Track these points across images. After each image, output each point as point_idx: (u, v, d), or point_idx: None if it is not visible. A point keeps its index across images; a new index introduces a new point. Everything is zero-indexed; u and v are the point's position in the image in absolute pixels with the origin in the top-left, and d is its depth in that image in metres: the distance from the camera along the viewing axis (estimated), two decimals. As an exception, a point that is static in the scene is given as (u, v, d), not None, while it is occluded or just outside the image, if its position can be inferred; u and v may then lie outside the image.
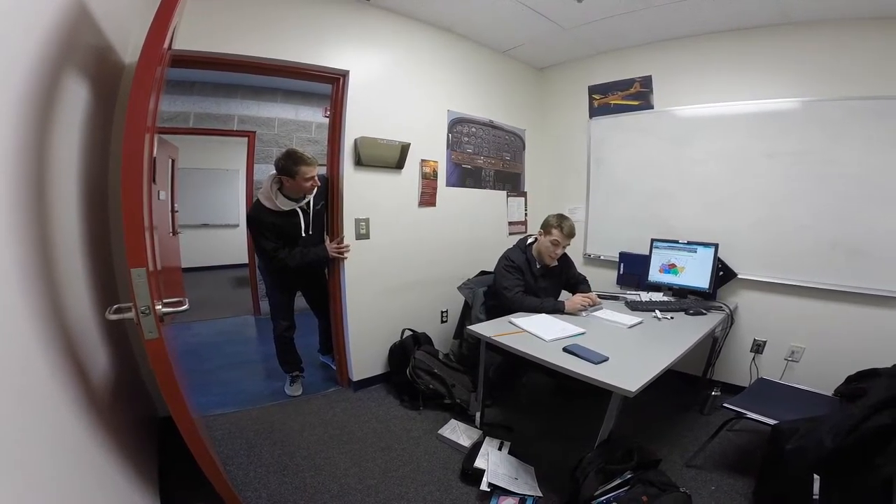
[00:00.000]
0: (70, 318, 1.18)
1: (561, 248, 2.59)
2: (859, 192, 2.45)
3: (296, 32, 2.41)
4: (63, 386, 1.02)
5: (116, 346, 1.69)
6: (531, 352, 1.92)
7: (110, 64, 1.69)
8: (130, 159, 1.03)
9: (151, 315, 1.13)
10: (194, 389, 2.64)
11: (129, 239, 1.05)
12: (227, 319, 4.58)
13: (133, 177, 1.04)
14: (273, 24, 2.33)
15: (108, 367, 1.50)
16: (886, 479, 1.62)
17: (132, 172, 1.04)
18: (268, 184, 2.45)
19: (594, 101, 3.56)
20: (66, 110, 1.24)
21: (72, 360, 1.12)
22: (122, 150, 1.04)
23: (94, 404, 1.21)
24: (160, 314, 1.19)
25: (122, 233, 1.05)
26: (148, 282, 1.10)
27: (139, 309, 1.11)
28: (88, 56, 1.42)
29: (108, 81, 1.70)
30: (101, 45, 1.53)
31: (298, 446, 2.27)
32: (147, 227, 1.15)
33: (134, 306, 1.11)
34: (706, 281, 2.78)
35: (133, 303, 1.11)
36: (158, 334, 1.15)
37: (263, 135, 4.82)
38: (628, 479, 1.68)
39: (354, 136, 2.63)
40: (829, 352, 2.60)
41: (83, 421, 1.11)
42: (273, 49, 2.35)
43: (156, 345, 1.16)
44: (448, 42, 3.12)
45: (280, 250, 2.47)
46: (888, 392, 1.57)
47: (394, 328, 2.99)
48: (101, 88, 1.59)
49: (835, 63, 2.49)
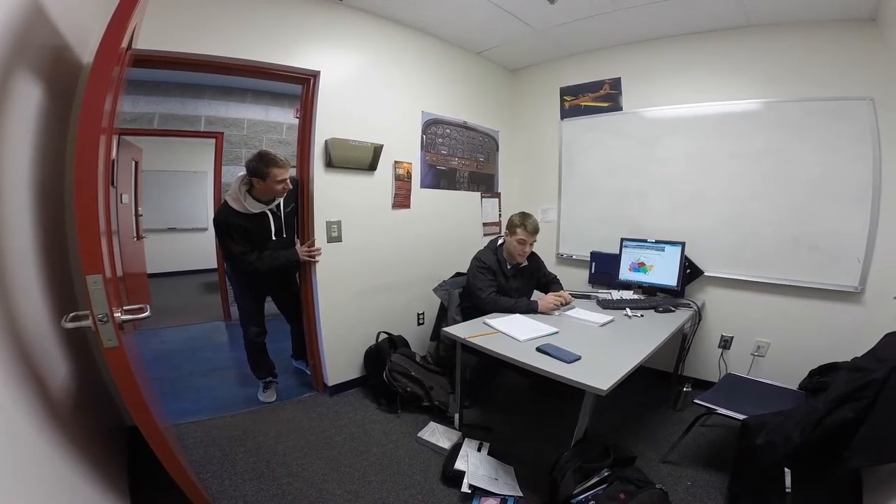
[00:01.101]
0: (23, 327, 1.12)
1: (528, 245, 2.61)
2: (817, 191, 2.56)
3: (265, 32, 2.36)
4: (17, 396, 0.98)
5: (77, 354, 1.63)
6: (506, 352, 1.93)
7: (67, 64, 1.62)
8: (83, 161, 0.99)
9: (110, 323, 1.09)
10: (164, 397, 2.61)
11: (83, 245, 1.01)
12: (197, 325, 4.46)
13: (86, 179, 1.00)
14: (242, 23, 2.28)
15: (68, 376, 1.45)
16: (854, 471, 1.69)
17: (85, 175, 1.00)
18: (236, 185, 2.38)
19: (565, 103, 3.61)
20: (18, 111, 1.18)
21: (26, 369, 1.07)
22: (76, 152, 1.00)
23: (54, 414, 1.17)
24: (120, 322, 1.14)
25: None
26: (105, 289, 1.05)
27: (96, 317, 1.07)
28: (43, 55, 1.35)
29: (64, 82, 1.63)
30: (57, 44, 1.47)
31: (274, 453, 2.23)
32: (104, 232, 1.10)
33: (91, 314, 1.07)
34: (674, 279, 2.85)
35: (90, 310, 1.07)
36: (118, 342, 1.12)
37: (232, 136, 4.71)
38: (605, 477, 1.71)
39: (325, 137, 2.59)
40: (793, 346, 2.69)
41: (44, 432, 1.07)
42: (241, 49, 2.30)
43: (116, 353, 1.12)
44: (422, 43, 3.11)
45: (249, 254, 2.41)
46: (848, 386, 1.61)
47: (369, 331, 2.96)
48: (57, 89, 1.52)
49: (795, 65, 2.59)
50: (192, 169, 6.85)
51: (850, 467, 1.55)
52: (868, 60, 2.37)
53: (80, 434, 1.35)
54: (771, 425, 1.75)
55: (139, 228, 4.74)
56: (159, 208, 6.65)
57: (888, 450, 1.46)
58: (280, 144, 4.91)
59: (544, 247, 3.46)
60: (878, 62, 2.33)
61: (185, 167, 6.85)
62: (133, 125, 4.42)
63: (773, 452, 1.69)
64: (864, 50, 2.38)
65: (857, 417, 1.53)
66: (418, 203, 3.19)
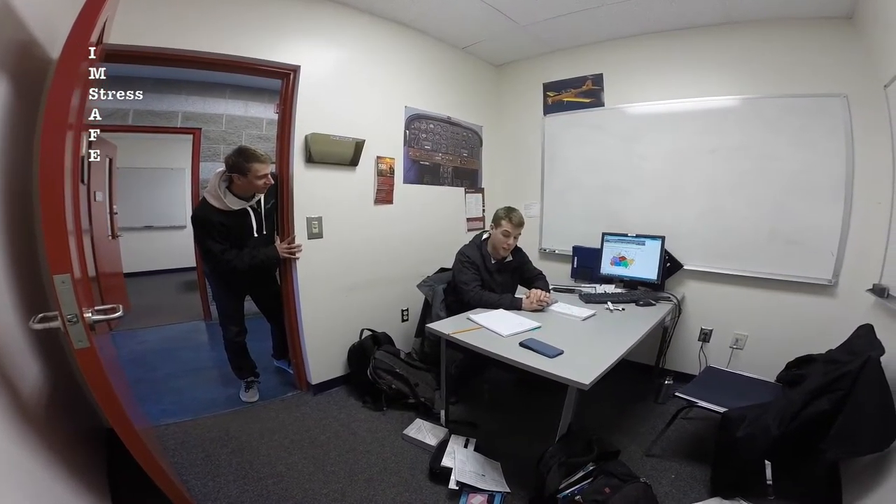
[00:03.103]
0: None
1: (512, 237, 2.61)
2: (793, 186, 2.61)
3: (244, 26, 2.31)
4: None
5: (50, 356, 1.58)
6: (489, 348, 1.93)
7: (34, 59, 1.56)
8: (49, 158, 0.96)
9: (80, 323, 1.05)
10: (143, 398, 2.58)
11: (49, 244, 0.98)
12: (176, 325, 4.39)
13: (52, 177, 0.97)
14: (219, 17, 2.23)
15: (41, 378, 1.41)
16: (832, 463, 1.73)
17: (51, 172, 0.97)
18: (215, 181, 2.33)
19: (548, 99, 3.63)
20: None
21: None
22: (41, 149, 0.97)
23: (26, 418, 1.14)
24: (91, 322, 1.11)
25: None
26: (74, 288, 1.02)
27: (65, 317, 1.04)
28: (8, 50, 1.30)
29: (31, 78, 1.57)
30: (24, 39, 1.42)
31: (258, 453, 2.20)
32: (72, 231, 1.06)
33: (59, 315, 1.04)
34: (654, 272, 2.89)
35: (58, 311, 1.04)
36: (89, 343, 1.08)
37: (210, 132, 4.61)
38: (590, 471, 1.73)
39: (306, 132, 2.55)
40: (770, 339, 2.75)
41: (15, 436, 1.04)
42: (219, 44, 2.24)
43: (87, 354, 1.09)
44: (406, 37, 3.08)
45: (228, 252, 2.36)
46: (823, 378, 1.65)
47: (352, 329, 2.93)
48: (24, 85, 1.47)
49: (772, 62, 2.64)
50: (169, 166, 6.70)
51: (827, 459, 1.59)
52: (843, 58, 2.42)
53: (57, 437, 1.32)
54: (750, 418, 1.78)
55: (114, 227, 4.62)
56: (136, 206, 6.49)
57: (863, 442, 1.51)
58: (260, 140, 4.82)
59: (527, 242, 3.46)
60: (852, 60, 2.38)
61: (162, 164, 6.70)
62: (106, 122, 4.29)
63: (753, 445, 1.72)
64: (840, 48, 2.43)
65: (833, 409, 1.57)
66: (401, 199, 3.16)
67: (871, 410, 1.48)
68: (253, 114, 4.89)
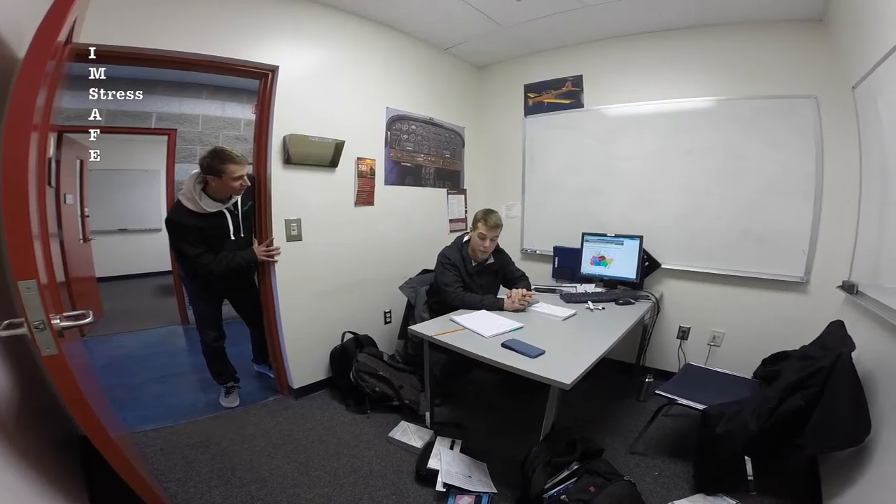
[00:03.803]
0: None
1: (488, 240, 2.60)
2: (765, 186, 2.68)
3: (221, 26, 2.27)
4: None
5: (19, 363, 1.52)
6: (472, 349, 1.93)
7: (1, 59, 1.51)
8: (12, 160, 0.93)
9: (47, 330, 1.02)
10: (120, 405, 2.53)
11: (13, 248, 0.95)
12: (152, 330, 4.29)
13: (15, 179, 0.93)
14: (195, 17, 2.19)
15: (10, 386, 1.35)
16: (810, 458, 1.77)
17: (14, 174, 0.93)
18: (190, 183, 2.27)
19: (529, 100, 3.65)
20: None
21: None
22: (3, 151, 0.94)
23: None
24: (59, 329, 1.08)
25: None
26: (41, 294, 0.99)
27: (32, 324, 1.00)
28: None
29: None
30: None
31: (240, 459, 2.16)
32: (37, 235, 1.03)
33: (25, 321, 1.01)
34: (633, 271, 2.94)
35: (24, 317, 1.00)
36: (58, 350, 1.06)
37: (186, 133, 4.52)
38: (575, 470, 1.73)
39: (284, 133, 2.51)
40: (746, 335, 2.82)
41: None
42: (195, 44, 2.20)
43: (56, 361, 1.06)
44: (388, 38, 3.07)
45: (204, 255, 2.31)
46: (797, 374, 1.68)
47: (334, 332, 2.90)
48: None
49: (746, 63, 2.70)
50: (143, 167, 6.53)
51: (805, 455, 1.63)
52: (814, 60, 2.49)
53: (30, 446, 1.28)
54: (729, 414, 1.81)
55: (86, 230, 4.50)
56: (109, 209, 6.33)
57: (838, 437, 1.54)
58: (238, 141, 4.74)
59: (509, 242, 3.48)
60: (822, 61, 2.45)
61: (136, 165, 6.52)
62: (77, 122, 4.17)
63: (732, 441, 1.75)
64: (811, 49, 2.49)
65: (808, 405, 1.60)
66: (382, 200, 3.14)
67: (844, 406, 1.51)
68: (230, 114, 4.81)
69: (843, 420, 1.52)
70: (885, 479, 1.39)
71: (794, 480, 1.92)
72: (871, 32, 1.84)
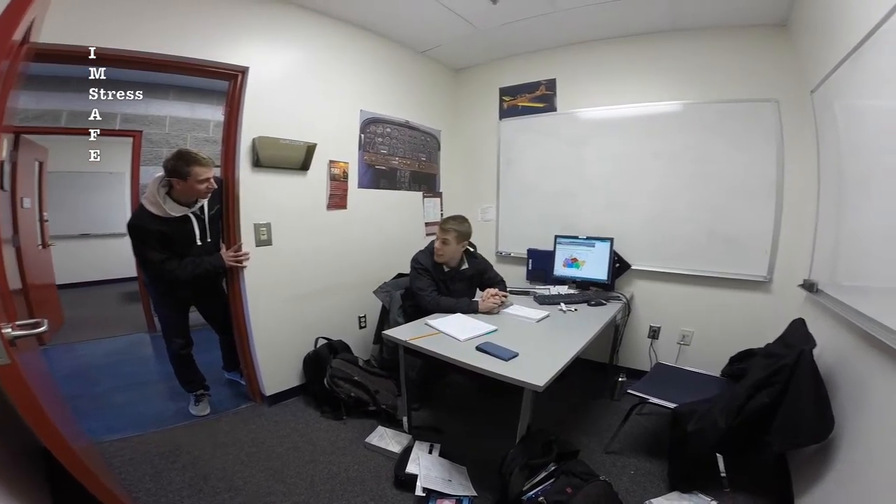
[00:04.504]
0: None
1: (440, 241, 2.58)
2: (729, 188, 2.76)
3: (189, 27, 2.21)
4: None
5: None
6: (447, 353, 1.93)
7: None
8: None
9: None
10: (83, 414, 2.47)
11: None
12: (118, 338, 4.14)
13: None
14: (163, 17, 2.13)
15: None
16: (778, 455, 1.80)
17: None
18: (153, 187, 2.20)
19: (504, 103, 3.67)
20: None
21: None
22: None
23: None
24: (10, 338, 1.04)
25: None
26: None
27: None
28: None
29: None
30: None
31: (212, 467, 2.11)
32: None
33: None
34: (605, 273, 2.98)
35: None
36: (10, 360, 1.02)
37: (152, 134, 4.40)
38: (552, 471, 1.74)
39: (253, 135, 2.46)
40: (714, 334, 2.89)
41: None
42: (162, 44, 2.14)
43: (8, 371, 1.03)
44: (363, 40, 3.05)
45: (169, 261, 2.23)
46: (763, 372, 1.72)
47: (306, 338, 2.85)
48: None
49: (712, 68, 2.77)
50: (107, 170, 6.27)
51: (773, 452, 1.65)
52: (776, 64, 2.57)
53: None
54: (699, 413, 1.84)
55: (45, 235, 4.30)
56: (71, 213, 6.08)
57: (803, 434, 1.57)
58: (207, 143, 4.63)
59: (485, 245, 3.49)
60: (784, 66, 2.53)
61: (100, 168, 6.23)
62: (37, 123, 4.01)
63: (703, 439, 1.77)
64: (774, 54, 2.58)
65: (774, 402, 1.63)
66: (356, 203, 3.11)
67: (808, 403, 1.55)
68: (200, 115, 4.69)
69: (807, 417, 1.55)
70: (852, 475, 1.42)
71: (765, 476, 1.96)
72: (829, 38, 1.90)
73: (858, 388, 1.51)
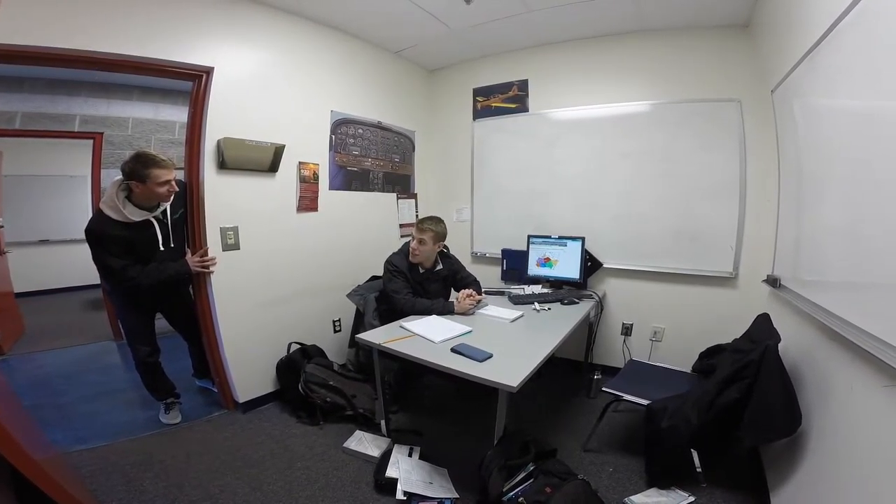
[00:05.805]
0: None
1: (416, 241, 2.57)
2: (695, 186, 2.83)
3: (150, 26, 2.14)
4: None
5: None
6: (422, 356, 1.91)
7: None
8: None
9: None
10: (49, 425, 2.40)
11: None
12: (82, 347, 3.98)
13: None
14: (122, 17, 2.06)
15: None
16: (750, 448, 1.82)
17: None
18: (112, 191, 2.10)
19: (478, 104, 3.68)
20: None
21: None
22: None
23: None
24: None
25: None
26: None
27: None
28: None
29: None
30: None
31: (186, 476, 2.05)
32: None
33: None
34: (577, 272, 3.02)
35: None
36: None
37: (114, 136, 4.24)
38: (531, 472, 1.74)
39: (219, 136, 2.39)
40: (684, 330, 2.95)
41: None
42: (121, 44, 2.06)
43: None
44: (333, 40, 3.01)
45: (130, 268, 2.14)
46: (732, 367, 1.75)
47: (279, 343, 2.78)
48: None
49: (678, 68, 2.83)
50: (67, 173, 6.01)
51: (745, 446, 1.69)
52: (739, 65, 2.64)
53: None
54: (671, 409, 1.86)
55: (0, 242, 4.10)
56: (29, 218, 5.80)
57: (772, 428, 1.60)
58: (172, 145, 4.50)
59: (460, 246, 3.49)
60: (746, 66, 2.60)
61: (59, 171, 6.00)
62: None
63: (677, 435, 1.80)
64: (736, 55, 2.65)
65: (742, 397, 1.66)
66: (327, 205, 3.06)
67: (775, 397, 1.58)
68: (164, 117, 4.56)
69: (775, 412, 1.58)
70: (822, 467, 1.44)
71: (740, 470, 2.00)
72: (788, 38, 1.95)
73: (823, 382, 1.54)
